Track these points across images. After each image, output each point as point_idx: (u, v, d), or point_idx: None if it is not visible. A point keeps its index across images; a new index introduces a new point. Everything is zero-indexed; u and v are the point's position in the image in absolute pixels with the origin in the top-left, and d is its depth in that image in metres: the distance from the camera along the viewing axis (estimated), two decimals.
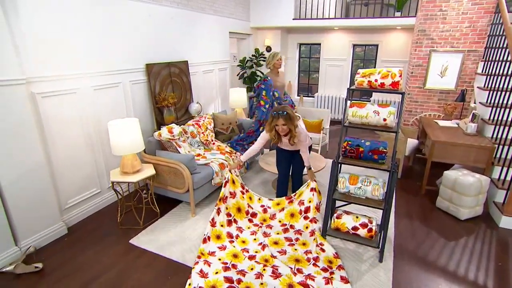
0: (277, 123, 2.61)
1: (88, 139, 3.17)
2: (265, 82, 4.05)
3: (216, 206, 2.84)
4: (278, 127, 2.63)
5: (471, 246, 2.76)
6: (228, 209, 2.86)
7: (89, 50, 3.06)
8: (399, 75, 2.38)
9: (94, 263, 2.54)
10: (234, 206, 2.90)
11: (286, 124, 2.59)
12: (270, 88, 4.02)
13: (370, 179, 2.53)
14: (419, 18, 4.71)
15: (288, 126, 2.60)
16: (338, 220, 2.63)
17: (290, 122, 2.59)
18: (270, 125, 2.67)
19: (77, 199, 3.13)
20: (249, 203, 2.97)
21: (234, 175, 2.96)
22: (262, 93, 4.03)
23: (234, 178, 2.94)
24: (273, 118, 2.62)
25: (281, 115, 2.57)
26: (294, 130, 2.63)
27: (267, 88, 4.02)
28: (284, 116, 2.57)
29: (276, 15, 6.28)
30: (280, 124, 2.60)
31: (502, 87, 3.59)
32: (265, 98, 4.04)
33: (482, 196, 3.12)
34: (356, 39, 6.76)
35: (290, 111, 2.61)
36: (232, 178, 2.91)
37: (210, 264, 2.45)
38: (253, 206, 2.96)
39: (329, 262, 2.48)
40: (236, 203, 2.91)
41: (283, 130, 2.64)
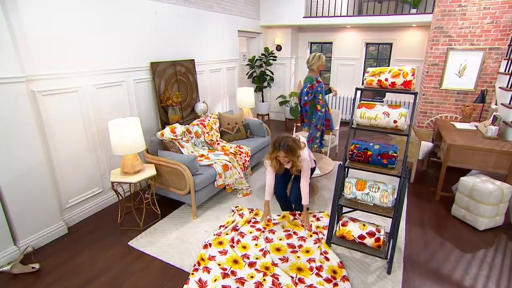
0: (278, 155, 2.56)
1: (91, 138, 3.13)
2: (320, 84, 3.74)
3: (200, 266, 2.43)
4: (279, 158, 2.59)
5: (490, 260, 2.54)
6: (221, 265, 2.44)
7: (91, 48, 3.02)
8: (412, 74, 2.20)
9: (90, 265, 2.48)
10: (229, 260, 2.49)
11: (288, 156, 2.53)
12: (324, 91, 3.78)
13: (378, 184, 2.36)
14: (436, 15, 4.46)
15: (289, 158, 2.55)
16: (344, 228, 2.47)
17: (291, 154, 2.52)
18: (271, 155, 2.61)
19: (78, 198, 3.09)
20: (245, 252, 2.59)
21: None
22: (319, 96, 3.70)
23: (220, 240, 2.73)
24: (274, 149, 2.57)
25: (282, 148, 2.50)
26: (297, 160, 2.58)
27: (322, 90, 3.74)
28: (285, 149, 2.50)
29: (286, 13, 6.13)
30: (282, 156, 2.55)
31: None
32: (321, 101, 3.74)
33: (504, 205, 2.88)
34: (369, 38, 6.52)
35: (292, 143, 2.52)
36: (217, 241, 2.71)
37: (210, 271, 2.35)
38: (249, 253, 2.57)
39: (333, 272, 2.33)
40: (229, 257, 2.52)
41: (284, 161, 2.61)
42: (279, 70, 6.92)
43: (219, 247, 2.63)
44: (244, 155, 3.83)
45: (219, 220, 3.10)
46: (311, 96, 3.73)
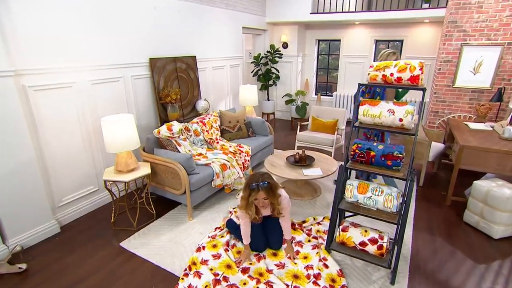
0: (257, 197, 2.08)
1: (86, 136, 3.05)
2: None
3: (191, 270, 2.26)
4: (257, 201, 2.11)
5: (507, 273, 2.32)
6: (213, 270, 2.26)
7: (87, 41, 2.93)
8: (420, 68, 2.01)
9: (79, 266, 2.39)
10: (222, 265, 2.32)
11: (269, 197, 2.09)
12: (384, 94, 3.05)
13: (382, 188, 2.18)
14: (449, 8, 4.21)
15: (270, 199, 2.11)
16: (344, 233, 2.30)
17: (272, 194, 2.10)
18: (248, 200, 2.11)
19: (72, 197, 3.02)
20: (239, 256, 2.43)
21: None
22: (377, 98, 2.94)
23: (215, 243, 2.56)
24: (251, 191, 2.08)
25: (261, 187, 2.06)
26: (277, 202, 2.16)
27: (383, 94, 3.03)
28: (265, 188, 2.06)
29: (292, 9, 5.95)
30: (261, 198, 2.09)
31: None
32: None
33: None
34: (378, 35, 6.27)
35: (271, 180, 2.13)
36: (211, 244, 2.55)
37: (201, 276, 2.22)
38: None
39: (331, 281, 2.17)
40: (223, 262, 2.35)
41: (264, 204, 2.14)
42: (285, 68, 6.75)
43: (212, 250, 2.50)
44: (244, 155, 3.69)
45: (215, 222, 2.98)
46: (368, 97, 3.02)
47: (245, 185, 2.15)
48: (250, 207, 2.16)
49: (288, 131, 6.24)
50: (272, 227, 2.48)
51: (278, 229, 2.47)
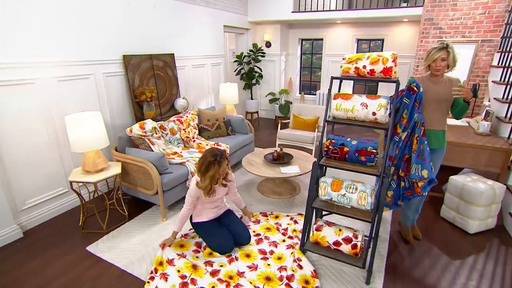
0: (224, 167, 2.22)
1: (52, 135, 2.83)
2: (409, 92, 2.09)
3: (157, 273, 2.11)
4: (222, 170, 2.22)
5: (481, 267, 2.23)
6: (180, 271, 2.11)
7: (51, 36, 2.71)
8: (392, 60, 1.89)
9: (39, 273, 2.18)
10: (188, 265, 2.17)
11: (228, 163, 2.32)
12: (414, 106, 2.08)
13: (356, 185, 2.06)
14: (426, 6, 4.15)
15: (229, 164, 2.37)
16: (318, 233, 2.16)
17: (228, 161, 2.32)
18: (214, 174, 2.17)
19: (38, 199, 2.79)
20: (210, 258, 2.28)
21: None
22: (403, 112, 2.13)
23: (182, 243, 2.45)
24: (220, 163, 2.16)
25: (223, 158, 2.20)
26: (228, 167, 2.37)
27: (411, 104, 2.07)
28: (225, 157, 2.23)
29: (274, 8, 5.81)
30: (226, 167, 2.28)
31: None
32: (404, 121, 2.12)
33: (496, 206, 2.58)
34: (360, 34, 6.20)
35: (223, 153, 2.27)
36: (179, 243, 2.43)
37: (167, 278, 2.06)
38: (215, 260, 2.25)
39: (305, 283, 2.03)
40: (188, 261, 2.22)
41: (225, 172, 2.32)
42: (268, 67, 6.61)
43: (178, 249, 2.33)
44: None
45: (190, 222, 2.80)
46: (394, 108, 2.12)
47: (208, 163, 2.16)
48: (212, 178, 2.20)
49: (272, 130, 6.10)
50: (232, 220, 2.49)
51: (236, 220, 2.51)
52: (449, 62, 2.11)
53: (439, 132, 2.25)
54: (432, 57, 2.13)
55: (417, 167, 2.14)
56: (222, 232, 2.36)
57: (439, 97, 2.18)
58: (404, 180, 2.28)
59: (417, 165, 2.13)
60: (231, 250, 2.32)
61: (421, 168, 2.13)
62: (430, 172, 2.13)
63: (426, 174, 2.11)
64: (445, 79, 2.21)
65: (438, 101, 2.20)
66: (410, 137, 2.16)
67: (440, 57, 2.10)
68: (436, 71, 2.15)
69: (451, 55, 2.09)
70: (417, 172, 2.13)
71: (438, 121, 2.24)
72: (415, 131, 2.13)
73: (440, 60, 2.11)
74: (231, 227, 2.41)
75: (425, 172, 2.11)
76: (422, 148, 2.12)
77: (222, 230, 2.37)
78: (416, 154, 2.13)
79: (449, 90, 2.13)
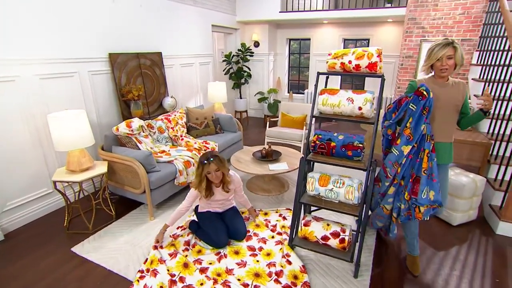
0: (209, 170, 2.17)
1: (35, 134, 2.71)
2: (417, 97, 1.77)
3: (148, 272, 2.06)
4: (210, 174, 2.19)
5: (463, 258, 2.26)
6: (170, 270, 2.06)
7: (34, 32, 2.60)
8: (377, 55, 1.88)
9: (21, 276, 2.08)
10: (179, 264, 2.13)
11: (220, 169, 2.19)
12: (422, 115, 1.77)
13: (343, 179, 2.05)
14: (409, 6, 4.20)
15: (221, 169, 2.21)
16: (306, 228, 2.14)
17: (222, 165, 2.21)
18: (200, 176, 2.20)
19: (21, 200, 2.67)
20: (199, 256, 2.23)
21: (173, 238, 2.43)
22: (408, 121, 1.81)
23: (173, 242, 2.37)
24: (203, 166, 2.17)
25: (212, 161, 2.16)
26: (227, 174, 2.28)
27: (418, 112, 1.77)
28: (215, 161, 2.16)
29: (262, 8, 5.78)
30: (213, 171, 2.17)
31: (499, 78, 3.09)
32: (406, 131, 1.82)
33: (477, 198, 2.62)
34: (346, 33, 6.24)
35: (218, 154, 2.25)
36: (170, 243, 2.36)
37: (156, 275, 2.00)
38: (204, 257, 2.20)
39: (294, 278, 2.00)
40: (180, 260, 2.17)
41: (217, 177, 2.22)
42: (257, 67, 6.57)
43: (170, 248, 2.28)
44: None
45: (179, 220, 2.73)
46: (395, 118, 1.90)
47: (197, 164, 2.24)
48: (202, 182, 2.23)
49: (261, 128, 6.07)
50: (232, 216, 2.47)
51: (238, 217, 2.48)
52: (457, 60, 1.77)
53: (447, 145, 1.92)
54: (437, 55, 1.78)
55: (427, 190, 1.81)
56: (221, 226, 2.36)
57: (450, 103, 1.83)
58: (404, 203, 1.90)
59: (427, 188, 1.81)
60: (223, 245, 2.30)
61: (429, 189, 1.82)
62: (437, 194, 1.82)
63: (433, 196, 1.82)
64: (451, 82, 1.88)
65: (448, 108, 1.85)
66: (419, 153, 1.80)
67: (446, 55, 1.76)
68: (442, 72, 1.81)
69: (458, 52, 1.76)
70: (427, 196, 1.81)
71: (448, 131, 1.90)
72: (424, 146, 1.78)
73: (446, 58, 1.77)
74: (231, 222, 2.41)
75: (431, 194, 1.82)
76: (431, 167, 1.81)
77: (221, 224, 2.38)
78: (426, 174, 1.80)
79: (458, 95, 1.84)
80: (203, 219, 2.42)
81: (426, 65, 1.87)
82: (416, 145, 1.80)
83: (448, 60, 1.77)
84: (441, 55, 1.76)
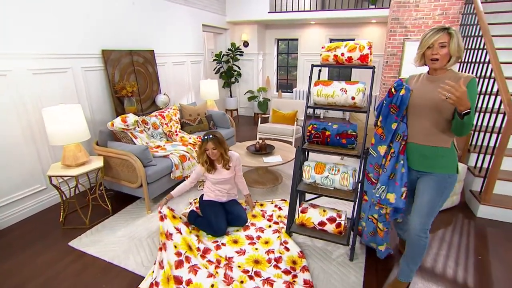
0: (207, 147, 2.32)
1: (28, 130, 2.63)
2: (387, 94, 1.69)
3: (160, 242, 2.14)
4: (209, 151, 2.33)
5: (449, 239, 2.37)
6: (177, 247, 2.07)
7: (26, 27, 2.52)
8: (368, 47, 1.95)
9: (18, 272, 2.01)
10: (184, 243, 2.11)
11: (216, 148, 2.31)
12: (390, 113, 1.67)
13: (338, 167, 2.10)
14: (392, 6, 4.34)
15: (218, 150, 2.33)
16: (303, 215, 2.18)
17: (219, 145, 2.32)
18: (200, 149, 2.37)
19: (13, 197, 2.58)
20: (199, 238, 2.23)
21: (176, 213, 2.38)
22: (378, 119, 1.77)
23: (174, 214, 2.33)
24: (203, 142, 2.33)
25: (210, 139, 2.29)
26: (225, 153, 2.39)
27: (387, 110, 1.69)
28: (213, 139, 2.29)
29: (251, 9, 5.81)
30: (210, 148, 2.31)
31: (476, 74, 3.26)
32: (379, 130, 1.76)
33: (459, 184, 2.74)
34: (332, 34, 6.37)
35: (219, 135, 2.35)
36: (171, 215, 2.30)
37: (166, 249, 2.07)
38: (201, 246, 2.15)
39: (292, 263, 2.03)
40: (184, 238, 2.15)
41: (213, 154, 2.34)
42: (246, 66, 6.60)
43: (174, 221, 2.23)
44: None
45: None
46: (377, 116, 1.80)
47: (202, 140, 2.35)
48: (203, 156, 2.36)
49: (251, 126, 6.09)
50: (233, 204, 2.54)
51: (239, 205, 2.56)
52: (452, 49, 1.44)
53: (428, 148, 1.58)
54: (428, 41, 1.48)
55: (382, 188, 1.72)
56: (221, 213, 2.41)
57: (433, 100, 1.50)
58: None
59: (383, 186, 1.71)
60: (222, 233, 2.32)
61: (387, 190, 1.71)
62: (399, 199, 1.67)
63: (393, 199, 1.68)
64: (449, 77, 1.50)
65: (432, 107, 1.53)
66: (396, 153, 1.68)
67: (437, 41, 1.45)
68: (433, 62, 1.49)
69: (454, 40, 1.43)
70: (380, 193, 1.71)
71: (436, 134, 1.56)
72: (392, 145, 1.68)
73: (438, 45, 1.45)
74: (232, 209, 2.48)
75: (391, 196, 1.69)
76: (396, 168, 1.68)
77: (222, 212, 2.42)
78: (387, 173, 1.70)
79: None
80: (205, 206, 2.44)
81: (418, 53, 1.57)
82: (392, 144, 1.69)
83: (440, 49, 1.45)
84: (432, 41, 1.46)
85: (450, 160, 1.58)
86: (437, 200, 1.61)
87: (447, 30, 1.46)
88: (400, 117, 1.64)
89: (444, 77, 1.52)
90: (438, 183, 1.59)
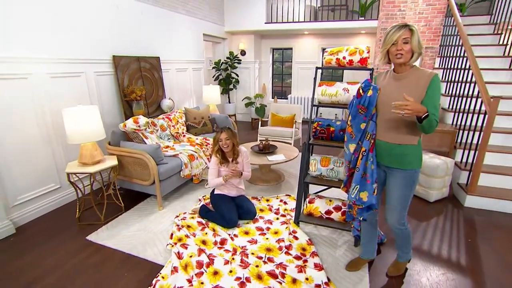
0: (221, 137, 2.45)
1: (45, 130, 2.68)
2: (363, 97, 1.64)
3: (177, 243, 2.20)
4: (222, 142, 2.45)
5: (442, 226, 2.53)
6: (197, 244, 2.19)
7: (45, 33, 2.60)
8: (367, 51, 2.13)
9: (37, 265, 2.04)
10: (198, 240, 2.23)
11: (230, 138, 2.45)
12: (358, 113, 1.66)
13: (342, 160, 2.24)
14: (381, 18, 4.60)
15: (231, 140, 2.47)
16: (311, 205, 2.30)
17: (232, 136, 2.48)
18: (215, 140, 2.51)
19: (31, 195, 2.61)
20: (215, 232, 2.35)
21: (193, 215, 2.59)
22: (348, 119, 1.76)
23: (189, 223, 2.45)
24: (217, 133, 2.49)
25: (224, 129, 2.47)
26: (236, 145, 2.52)
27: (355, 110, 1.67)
28: (227, 130, 2.46)
29: (249, 19, 6.02)
30: (224, 138, 2.44)
31: (456, 79, 3.53)
32: (349, 129, 1.74)
33: (448, 177, 2.93)
34: (324, 43, 6.63)
35: (232, 128, 2.53)
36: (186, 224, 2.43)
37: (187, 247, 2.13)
38: (219, 233, 2.33)
39: (302, 250, 2.14)
40: (198, 238, 2.27)
41: (226, 144, 2.46)
42: (244, 74, 6.77)
43: (189, 230, 2.36)
44: (211, 146, 3.55)
45: (186, 210, 2.79)
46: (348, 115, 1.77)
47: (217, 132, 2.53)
48: (215, 146, 2.49)
49: (249, 131, 6.21)
50: (243, 199, 2.63)
51: (249, 200, 2.65)
52: (413, 45, 1.48)
53: (395, 146, 1.59)
54: (392, 38, 1.51)
55: (357, 189, 1.66)
56: (233, 206, 2.51)
57: (398, 100, 1.45)
58: None
59: (356, 185, 1.67)
60: (234, 224, 2.41)
61: (359, 189, 1.66)
62: (371, 196, 1.63)
63: (366, 197, 1.64)
64: (413, 74, 1.54)
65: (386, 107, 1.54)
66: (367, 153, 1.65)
67: (401, 38, 1.49)
68: (397, 57, 1.51)
69: (415, 36, 1.49)
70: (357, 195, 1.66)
71: (396, 132, 1.58)
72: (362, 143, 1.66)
73: (401, 41, 1.49)
74: (243, 204, 2.57)
75: (364, 195, 1.65)
76: (366, 166, 1.65)
77: (233, 205, 2.52)
78: (359, 171, 1.65)
79: (416, 89, 1.50)
80: (218, 199, 2.53)
81: (382, 51, 1.58)
82: (361, 142, 1.67)
83: (404, 45, 1.49)
84: (396, 37, 1.49)
85: (417, 157, 1.61)
86: (407, 195, 1.67)
87: (408, 26, 1.50)
88: (369, 117, 1.62)
89: (408, 75, 1.55)
90: (406, 180, 1.63)
